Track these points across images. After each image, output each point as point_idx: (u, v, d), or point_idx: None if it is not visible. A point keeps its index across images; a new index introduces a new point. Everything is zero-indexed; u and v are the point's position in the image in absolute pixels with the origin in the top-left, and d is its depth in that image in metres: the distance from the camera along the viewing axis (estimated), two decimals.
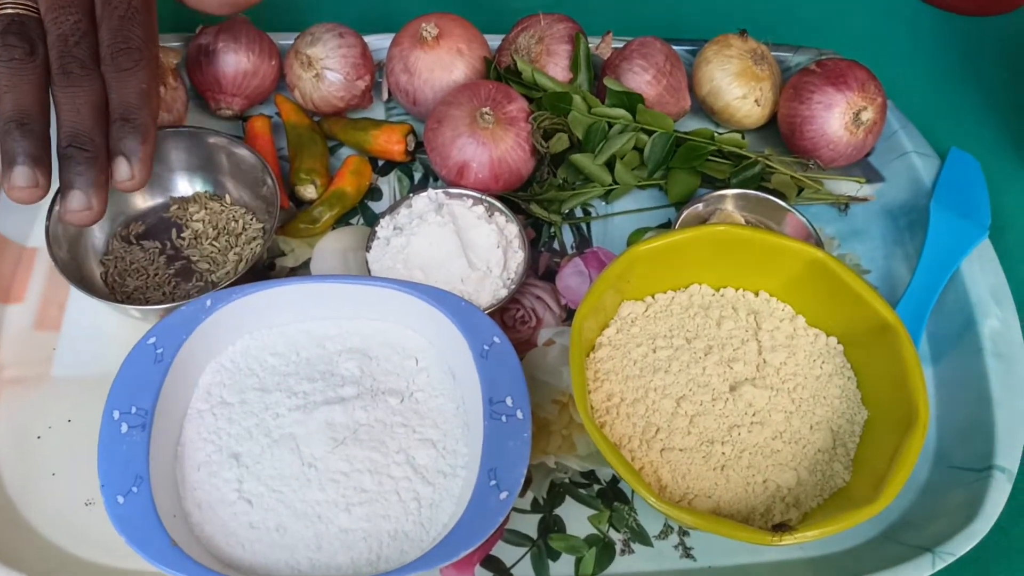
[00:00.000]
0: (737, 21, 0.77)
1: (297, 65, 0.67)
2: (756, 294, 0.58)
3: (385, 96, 0.71)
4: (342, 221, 0.66)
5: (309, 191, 0.65)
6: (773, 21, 0.79)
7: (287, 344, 0.57)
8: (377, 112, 0.71)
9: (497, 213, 0.62)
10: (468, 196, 0.63)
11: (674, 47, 0.72)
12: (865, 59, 0.72)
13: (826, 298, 0.55)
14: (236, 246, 0.63)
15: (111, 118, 0.50)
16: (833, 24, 0.79)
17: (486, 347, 0.54)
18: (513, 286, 0.59)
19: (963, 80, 0.76)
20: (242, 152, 0.62)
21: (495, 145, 0.62)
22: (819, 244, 0.61)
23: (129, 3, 0.51)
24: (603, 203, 0.68)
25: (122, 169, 0.50)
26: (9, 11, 0.50)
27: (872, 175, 0.69)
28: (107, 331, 0.59)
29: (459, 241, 0.59)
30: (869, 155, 0.69)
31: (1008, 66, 0.77)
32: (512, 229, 0.62)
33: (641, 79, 0.66)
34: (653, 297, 0.57)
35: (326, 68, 0.66)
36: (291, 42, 0.68)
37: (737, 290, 0.58)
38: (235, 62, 0.66)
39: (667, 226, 0.67)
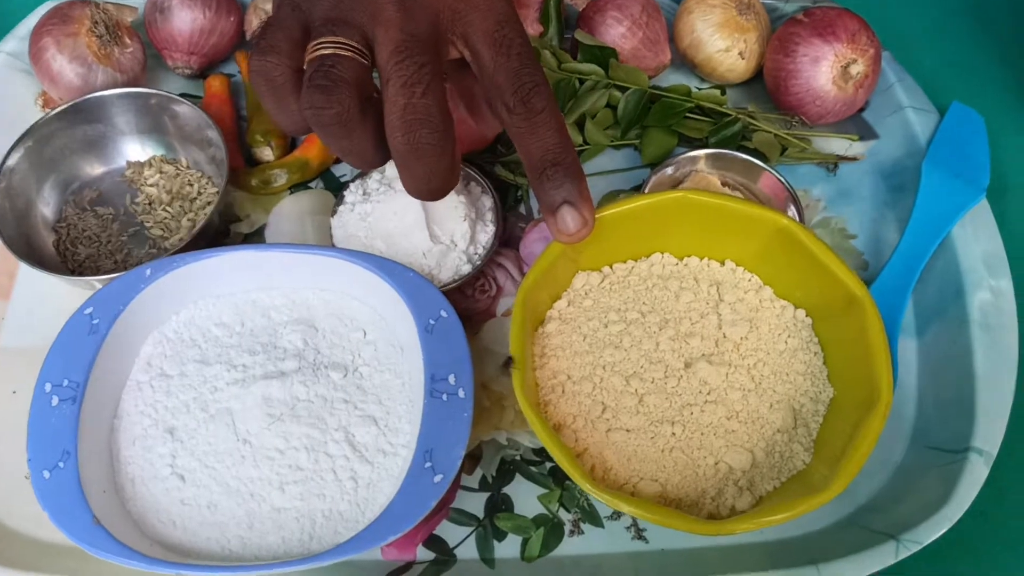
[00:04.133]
0: None
1: (256, 21, 0.64)
2: (722, 263, 0.54)
3: None
4: (302, 184, 0.63)
5: (265, 153, 0.63)
6: None
7: (233, 314, 0.55)
8: None
9: (473, 183, 0.60)
10: None
11: None
12: (863, 4, 0.67)
13: (795, 269, 0.52)
14: (190, 211, 0.61)
15: (537, 167, 0.45)
16: None
17: (432, 321, 0.51)
18: (479, 261, 0.57)
19: (970, 26, 0.71)
20: (186, 111, 0.60)
21: (454, 105, 0.59)
22: (797, 207, 0.58)
23: (523, 40, 0.45)
24: None
25: (569, 219, 0.45)
26: (323, 52, 0.43)
27: (866, 132, 0.64)
28: (57, 301, 0.58)
29: (423, 212, 0.56)
30: (863, 110, 0.64)
31: (1020, 11, 0.71)
32: (486, 201, 0.59)
33: (615, 31, 0.62)
34: (611, 267, 0.54)
35: None
36: None
37: (702, 259, 0.54)
38: (191, 19, 0.64)
39: (640, 188, 0.63)
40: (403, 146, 0.43)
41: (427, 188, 0.45)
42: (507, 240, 0.61)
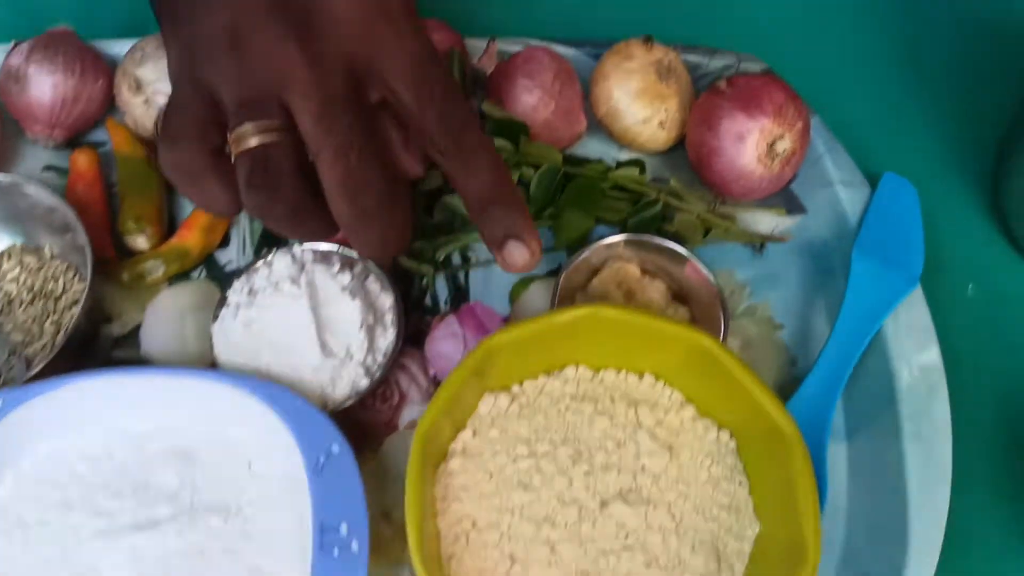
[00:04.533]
0: (647, 13, 0.67)
1: (125, 88, 0.57)
2: (641, 376, 0.50)
3: None
4: (182, 275, 0.57)
5: (139, 241, 0.56)
6: (690, 9, 0.68)
7: (100, 446, 0.49)
8: None
9: (371, 279, 0.54)
10: (338, 257, 0.54)
11: (574, 50, 0.62)
12: (793, 59, 0.63)
13: (717, 388, 0.48)
14: (55, 312, 0.54)
15: (477, 204, 0.44)
16: (760, 13, 0.69)
17: (322, 458, 0.46)
18: (378, 373, 0.52)
19: (908, 81, 0.66)
20: (38, 193, 0.54)
21: None
22: (722, 304, 0.53)
23: (442, 76, 0.43)
24: (483, 246, 0.59)
25: (516, 253, 0.44)
26: (251, 143, 0.41)
27: (793, 205, 0.60)
28: None
29: (313, 321, 0.51)
30: (791, 182, 0.60)
31: (960, 64, 0.67)
32: (386, 300, 0.54)
33: (526, 101, 0.57)
34: (521, 385, 0.49)
35: (158, 92, 0.57)
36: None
37: (619, 372, 0.50)
38: (51, 87, 0.57)
39: (557, 272, 0.58)
40: (350, 217, 0.42)
41: (383, 251, 0.44)
42: (412, 336, 0.56)
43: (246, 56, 0.41)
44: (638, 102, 0.58)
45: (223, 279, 0.57)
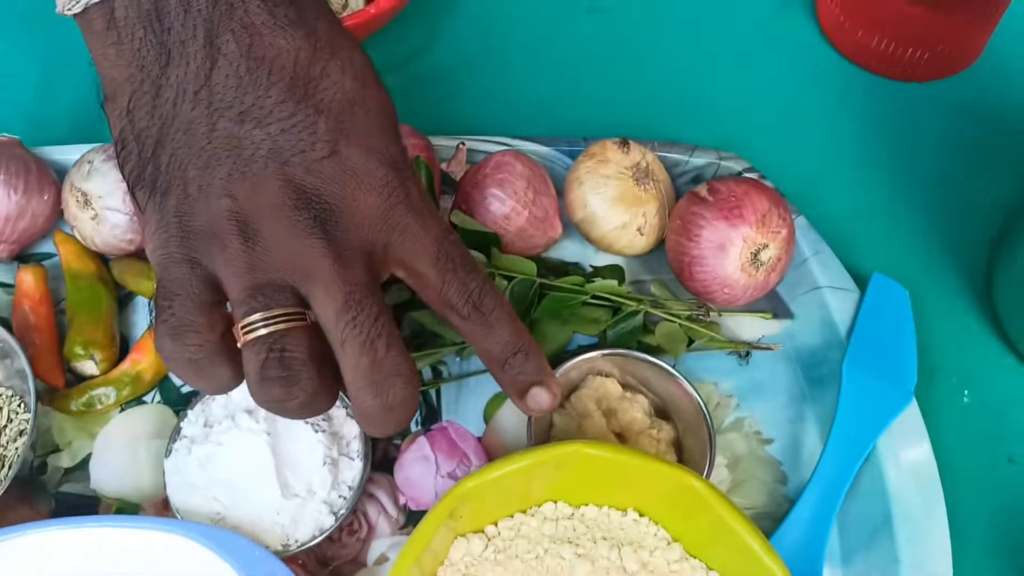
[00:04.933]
0: (623, 110, 0.65)
1: (73, 202, 0.54)
2: (624, 512, 0.47)
3: None
4: (134, 399, 0.54)
5: (88, 367, 0.53)
6: (668, 105, 0.66)
7: None
8: None
9: (337, 403, 0.51)
10: None
11: (548, 148, 0.60)
12: (777, 155, 0.61)
13: (707, 528, 0.45)
14: None
15: (499, 360, 0.44)
16: (741, 108, 0.66)
17: None
18: (343, 510, 0.48)
19: (897, 177, 0.64)
20: None
21: None
22: (709, 426, 0.51)
23: (459, 249, 0.43)
24: (456, 359, 0.56)
25: (541, 398, 0.44)
26: (262, 332, 0.38)
27: (779, 309, 0.58)
28: None
29: (272, 459, 0.48)
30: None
31: (951, 161, 0.64)
32: (351, 427, 0.51)
33: (497, 210, 0.54)
34: (496, 526, 0.46)
35: (107, 208, 0.53)
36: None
37: (601, 508, 0.47)
38: None
39: None
40: (375, 408, 0.40)
41: (394, 431, 0.42)
42: (378, 462, 0.52)
43: (259, 246, 0.39)
44: (615, 209, 0.55)
45: (179, 402, 0.54)
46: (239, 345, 0.39)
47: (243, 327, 0.38)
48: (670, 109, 0.65)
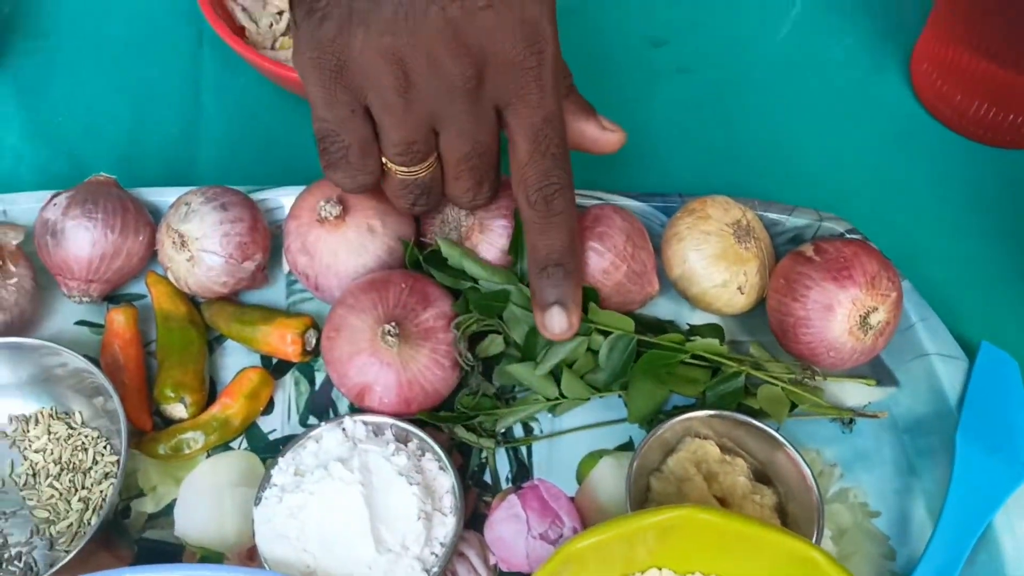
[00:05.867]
0: (715, 166, 0.64)
1: (168, 244, 0.54)
2: None
3: (286, 269, 0.58)
4: (221, 445, 0.53)
5: (178, 411, 0.52)
6: (764, 162, 0.65)
7: None
8: (278, 288, 0.58)
9: (427, 457, 0.50)
10: (390, 429, 0.50)
11: (643, 205, 0.59)
12: (879, 218, 0.59)
13: None
14: (83, 487, 0.50)
15: (539, 263, 0.48)
16: (839, 161, 0.65)
17: None
18: (435, 569, 0.47)
19: (993, 235, 0.62)
20: (68, 356, 0.50)
21: (403, 366, 0.49)
22: (817, 493, 0.48)
23: (560, 141, 0.47)
24: (548, 415, 0.54)
25: (556, 320, 0.48)
26: (409, 178, 0.48)
27: (884, 376, 0.56)
28: None
29: (367, 511, 0.46)
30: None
31: None
32: (444, 482, 0.49)
33: (596, 266, 0.53)
34: None
35: (203, 250, 0.53)
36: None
37: None
38: (90, 243, 0.53)
39: (629, 446, 0.54)
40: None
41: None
42: (469, 520, 0.51)
43: (413, 91, 0.43)
44: (715, 266, 0.54)
45: (266, 450, 0.53)
46: (394, 175, 0.47)
47: (401, 171, 0.47)
48: (764, 169, 0.64)
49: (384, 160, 0.47)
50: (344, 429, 0.50)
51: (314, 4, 0.42)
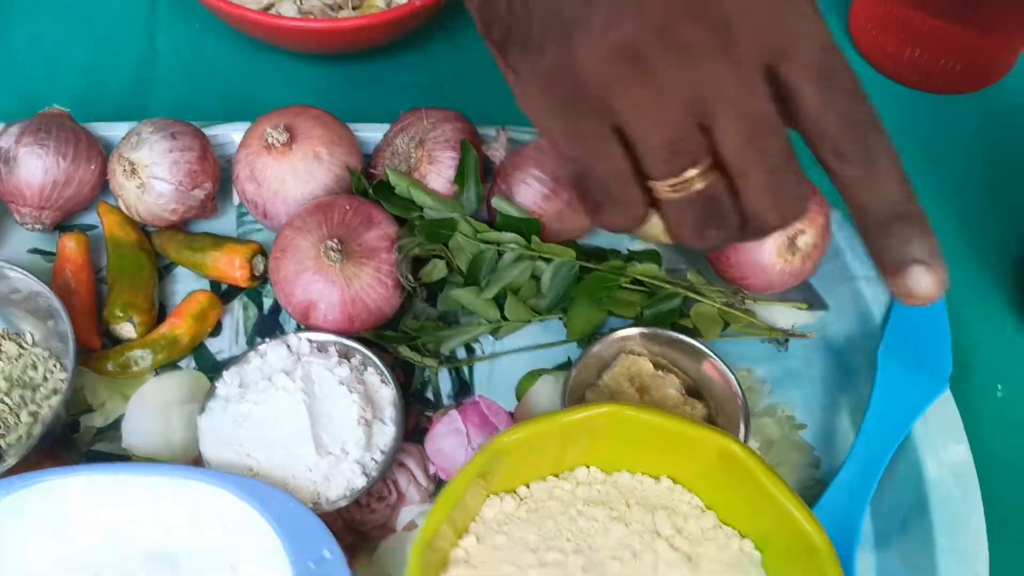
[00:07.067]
0: None
1: (119, 171, 0.55)
2: (657, 479, 0.47)
3: (236, 200, 0.59)
4: (169, 364, 0.54)
5: (126, 330, 0.53)
6: None
7: (75, 549, 0.45)
8: (228, 220, 0.60)
9: (370, 371, 0.51)
10: (334, 346, 0.51)
11: None
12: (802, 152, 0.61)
13: (743, 494, 0.44)
14: (32, 403, 0.51)
15: (877, 221, 0.38)
16: None
17: (312, 565, 0.43)
18: (375, 473, 0.48)
19: (929, 177, 0.64)
20: (20, 278, 0.51)
21: (347, 283, 0.51)
22: (744, 404, 0.50)
23: (847, 70, 0.37)
24: (491, 338, 0.56)
25: (924, 281, 0.38)
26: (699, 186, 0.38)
27: (814, 300, 0.58)
28: None
29: (308, 417, 0.48)
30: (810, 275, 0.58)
31: (981, 157, 0.66)
32: (386, 393, 0.51)
33: (536, 192, 0.55)
34: (528, 487, 0.46)
35: (153, 177, 0.54)
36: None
37: (634, 475, 0.47)
38: (42, 170, 0.54)
39: (567, 366, 0.56)
40: (775, 220, 0.39)
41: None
42: (410, 432, 0.52)
43: (658, 81, 0.36)
44: None
45: (213, 369, 0.54)
46: (664, 197, 0.38)
47: (673, 185, 0.38)
48: None
49: (654, 186, 0.39)
50: (288, 345, 0.51)
51: (527, 39, 0.38)
